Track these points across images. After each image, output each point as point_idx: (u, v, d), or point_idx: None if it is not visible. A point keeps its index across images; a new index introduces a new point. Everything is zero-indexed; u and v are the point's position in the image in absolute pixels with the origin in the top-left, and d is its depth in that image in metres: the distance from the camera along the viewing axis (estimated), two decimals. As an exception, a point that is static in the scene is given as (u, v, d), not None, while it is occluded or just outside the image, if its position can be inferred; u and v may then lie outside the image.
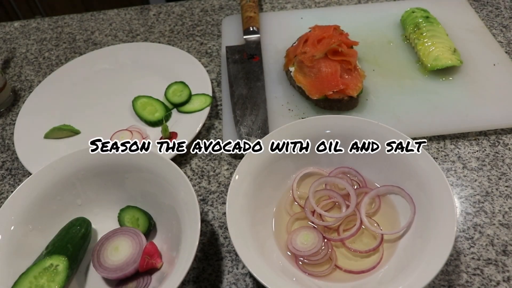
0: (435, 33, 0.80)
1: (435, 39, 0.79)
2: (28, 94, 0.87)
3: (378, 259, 0.55)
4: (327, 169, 0.64)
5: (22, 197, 0.57)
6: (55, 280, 0.52)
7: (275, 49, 0.87)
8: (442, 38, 0.80)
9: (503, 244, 0.58)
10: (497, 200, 0.63)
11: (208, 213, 0.65)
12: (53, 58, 0.95)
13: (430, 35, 0.80)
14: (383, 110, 0.73)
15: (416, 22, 0.83)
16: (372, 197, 0.60)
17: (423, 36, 0.80)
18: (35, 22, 1.05)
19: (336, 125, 0.62)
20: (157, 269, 0.56)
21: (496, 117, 0.70)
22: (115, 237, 0.57)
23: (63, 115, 0.80)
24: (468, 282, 0.55)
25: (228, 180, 0.69)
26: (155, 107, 0.78)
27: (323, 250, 0.55)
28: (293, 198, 0.61)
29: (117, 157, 0.60)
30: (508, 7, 0.93)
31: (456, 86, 0.76)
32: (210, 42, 0.93)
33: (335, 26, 0.80)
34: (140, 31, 0.98)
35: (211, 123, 0.77)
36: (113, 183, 0.62)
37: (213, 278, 0.58)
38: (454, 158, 0.68)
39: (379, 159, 0.60)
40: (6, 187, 0.72)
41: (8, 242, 0.55)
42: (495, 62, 0.79)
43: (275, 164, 0.61)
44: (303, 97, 0.76)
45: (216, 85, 0.84)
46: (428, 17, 0.84)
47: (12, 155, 0.77)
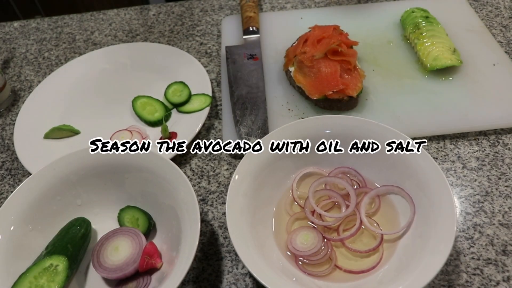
0: (435, 33, 0.80)
1: (434, 39, 0.79)
2: (28, 94, 0.87)
3: (378, 259, 0.55)
4: (327, 169, 0.64)
5: (22, 197, 0.57)
6: (55, 280, 0.52)
7: (275, 49, 0.87)
8: (442, 38, 0.80)
9: (503, 244, 0.58)
10: (496, 200, 0.63)
11: (208, 213, 0.65)
12: (53, 58, 0.95)
13: (430, 35, 0.80)
14: (383, 110, 0.73)
15: (416, 22, 0.83)
16: (372, 197, 0.60)
17: (422, 36, 0.80)
18: (34, 22, 1.05)
19: (336, 125, 0.62)
20: (157, 269, 0.56)
21: (496, 117, 0.70)
22: (115, 237, 0.57)
23: (63, 115, 0.80)
24: (468, 282, 0.55)
25: (228, 180, 0.69)
26: (155, 107, 0.78)
27: (323, 250, 0.55)
28: (293, 198, 0.61)
29: (117, 157, 0.60)
30: (507, 7, 0.93)
31: (456, 86, 0.76)
32: (209, 42, 0.93)
33: (335, 26, 0.80)
34: (140, 31, 0.98)
35: (211, 123, 0.77)
36: (113, 183, 0.62)
37: (213, 278, 0.58)
38: (454, 158, 0.68)
39: (379, 159, 0.60)
40: (6, 187, 0.72)
41: (8, 242, 0.55)
42: (495, 62, 0.79)
43: (275, 164, 0.61)
44: (303, 97, 0.76)
45: (216, 85, 0.84)
46: (428, 17, 0.84)
47: (12, 155, 0.77)
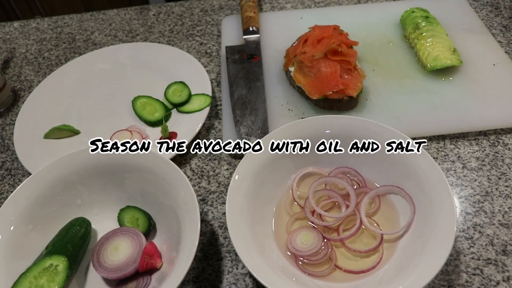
0: (435, 33, 0.80)
1: (434, 39, 0.79)
2: (28, 94, 0.87)
3: (378, 259, 0.55)
4: (327, 169, 0.64)
5: (22, 197, 0.57)
6: (55, 280, 0.52)
7: (275, 49, 0.86)
8: (441, 38, 0.80)
9: (503, 244, 0.58)
10: (496, 200, 0.63)
11: (208, 213, 0.65)
12: (52, 58, 0.95)
13: (430, 35, 0.80)
14: (383, 110, 0.73)
15: (415, 22, 0.83)
16: (372, 197, 0.60)
17: (422, 36, 0.80)
18: (34, 22, 1.05)
19: (336, 125, 0.62)
20: (157, 269, 0.56)
21: (496, 117, 0.70)
22: (115, 237, 0.57)
23: (63, 115, 0.80)
24: (468, 282, 0.55)
25: (228, 180, 0.69)
26: (155, 107, 0.78)
27: (323, 250, 0.55)
28: (293, 198, 0.61)
29: (117, 157, 0.60)
30: (507, 7, 0.93)
31: (456, 86, 0.76)
32: (209, 42, 0.93)
33: (335, 26, 0.80)
34: (140, 31, 0.98)
35: (211, 123, 0.77)
36: (113, 183, 0.62)
37: (213, 278, 0.58)
38: (454, 158, 0.68)
39: (379, 159, 0.60)
40: (6, 187, 0.72)
41: (8, 242, 0.55)
42: (495, 62, 0.79)
43: (275, 164, 0.61)
44: (303, 97, 0.76)
45: (216, 85, 0.84)
46: (427, 17, 0.84)
47: (12, 155, 0.77)
